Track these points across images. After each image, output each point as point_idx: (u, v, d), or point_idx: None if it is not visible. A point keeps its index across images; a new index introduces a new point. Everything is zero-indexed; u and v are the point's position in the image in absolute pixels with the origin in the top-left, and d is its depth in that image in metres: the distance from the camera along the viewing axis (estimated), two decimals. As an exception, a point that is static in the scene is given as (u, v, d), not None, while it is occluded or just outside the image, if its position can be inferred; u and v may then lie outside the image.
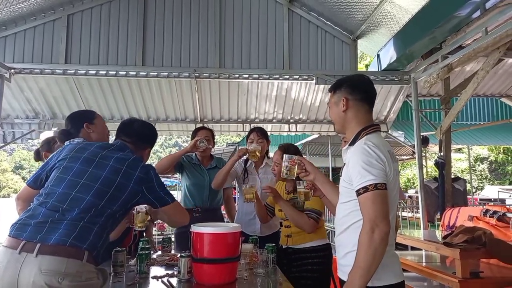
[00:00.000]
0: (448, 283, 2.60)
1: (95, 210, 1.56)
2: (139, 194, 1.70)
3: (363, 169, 1.46)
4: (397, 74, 5.16)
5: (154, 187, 1.75)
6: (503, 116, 8.58)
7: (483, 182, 20.51)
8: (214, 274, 1.89)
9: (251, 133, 3.03)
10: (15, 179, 34.50)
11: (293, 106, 6.12)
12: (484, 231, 2.67)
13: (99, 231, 1.56)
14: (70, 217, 1.51)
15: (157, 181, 1.77)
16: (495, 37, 3.63)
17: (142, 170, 1.72)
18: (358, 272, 1.40)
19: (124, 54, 4.96)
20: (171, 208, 1.82)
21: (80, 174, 1.63)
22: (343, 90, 1.68)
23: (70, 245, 1.44)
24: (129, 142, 1.88)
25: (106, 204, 1.59)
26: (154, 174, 1.76)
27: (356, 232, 1.47)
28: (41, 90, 5.41)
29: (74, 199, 1.56)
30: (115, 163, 1.69)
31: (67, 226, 1.49)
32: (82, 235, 1.49)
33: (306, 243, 2.46)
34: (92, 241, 1.51)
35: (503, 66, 5.90)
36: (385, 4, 4.33)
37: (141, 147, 1.95)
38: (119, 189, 1.64)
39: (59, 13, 4.91)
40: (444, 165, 4.86)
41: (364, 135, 1.59)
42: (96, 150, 1.75)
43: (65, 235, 1.46)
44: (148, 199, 1.75)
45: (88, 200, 1.57)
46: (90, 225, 1.54)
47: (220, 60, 5.04)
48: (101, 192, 1.60)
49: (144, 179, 1.71)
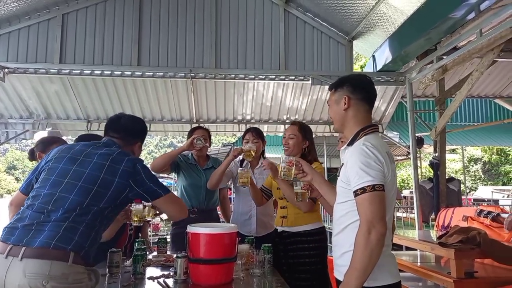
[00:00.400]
0: (443, 283, 2.61)
1: (80, 209, 1.53)
2: (127, 188, 1.64)
3: (361, 170, 1.46)
4: (392, 75, 5.19)
5: (143, 180, 1.68)
6: (496, 117, 8.65)
7: (477, 182, 20.67)
8: (211, 274, 1.89)
9: (247, 133, 3.03)
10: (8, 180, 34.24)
11: (289, 107, 6.13)
12: (478, 231, 2.68)
13: (85, 230, 1.52)
14: (54, 218, 1.49)
15: (146, 173, 1.70)
16: (489, 39, 3.66)
17: (127, 163, 1.66)
18: (354, 273, 1.40)
19: (119, 53, 4.94)
20: (165, 200, 1.75)
21: (64, 174, 1.60)
22: (345, 88, 1.68)
23: (54, 247, 1.42)
24: (117, 138, 1.84)
25: (91, 201, 1.56)
26: (141, 167, 1.69)
27: (353, 232, 1.47)
28: (35, 89, 5.37)
29: (58, 199, 1.54)
30: (98, 159, 1.64)
31: (52, 228, 1.46)
32: (67, 236, 1.46)
33: (302, 225, 2.46)
34: (77, 241, 1.48)
35: (497, 68, 5.96)
36: (380, 5, 4.35)
37: (131, 142, 1.89)
38: (104, 185, 1.60)
39: (53, 12, 4.88)
40: (439, 166, 4.89)
41: (362, 135, 1.59)
42: (81, 149, 1.71)
43: (49, 237, 1.44)
44: (137, 193, 1.68)
45: (72, 199, 1.54)
46: (76, 224, 1.50)
47: (216, 60, 5.04)
48: (85, 190, 1.56)
49: (130, 172, 1.65)
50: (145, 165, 1.73)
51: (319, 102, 6.01)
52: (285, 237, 2.51)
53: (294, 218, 2.48)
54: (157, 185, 1.72)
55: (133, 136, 1.92)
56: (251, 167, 3.06)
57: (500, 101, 7.15)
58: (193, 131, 3.15)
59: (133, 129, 1.93)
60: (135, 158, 1.72)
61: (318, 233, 2.49)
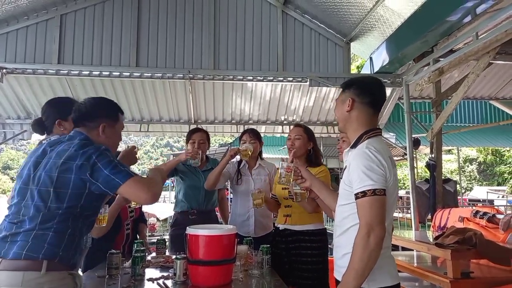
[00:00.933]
0: (440, 283, 2.64)
1: (44, 215, 1.46)
2: (87, 183, 1.50)
3: (363, 174, 1.48)
4: (389, 77, 5.22)
5: (99, 170, 1.50)
6: (492, 118, 8.72)
7: (472, 183, 20.81)
8: (210, 276, 1.90)
9: (244, 135, 3.06)
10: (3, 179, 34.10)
11: (286, 108, 6.15)
12: (474, 232, 2.72)
13: (56, 235, 1.46)
14: (24, 228, 1.45)
15: (103, 162, 1.51)
16: (485, 42, 3.70)
17: (82, 157, 1.50)
18: (352, 274, 1.43)
19: (118, 54, 4.93)
20: (125, 189, 1.51)
21: (27, 180, 1.53)
22: (351, 90, 1.68)
23: (25, 258, 1.40)
24: (81, 126, 1.68)
25: (52, 205, 1.47)
26: (97, 156, 1.52)
27: (354, 234, 1.49)
28: (33, 90, 5.37)
29: (24, 207, 1.49)
30: (55, 158, 1.53)
31: (23, 238, 1.43)
32: (37, 244, 1.42)
33: (305, 225, 2.48)
34: (48, 248, 1.43)
35: (493, 70, 6.01)
36: (378, 8, 4.38)
37: (93, 126, 1.69)
38: (61, 185, 1.48)
39: (52, 13, 4.87)
40: (435, 167, 4.93)
41: (365, 138, 1.61)
42: (43, 149, 1.60)
43: (20, 247, 1.42)
44: (98, 187, 1.51)
45: (34, 205, 1.47)
46: (44, 231, 1.45)
47: (214, 61, 5.05)
48: (44, 194, 1.48)
49: (85, 165, 1.49)
50: (102, 153, 1.54)
51: (317, 103, 6.04)
52: (287, 235, 2.52)
53: (299, 217, 2.50)
54: (114, 173, 1.50)
55: (91, 119, 1.70)
56: (249, 167, 3.08)
57: (495, 102, 7.21)
58: (192, 133, 3.17)
59: (90, 112, 1.71)
60: (92, 149, 1.54)
61: (320, 233, 2.52)
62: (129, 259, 2.24)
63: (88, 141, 1.61)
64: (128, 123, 6.15)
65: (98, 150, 1.55)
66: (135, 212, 2.79)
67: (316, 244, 2.47)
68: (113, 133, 1.76)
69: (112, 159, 1.54)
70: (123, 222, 2.64)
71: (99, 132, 1.69)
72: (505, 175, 19.39)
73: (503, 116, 8.52)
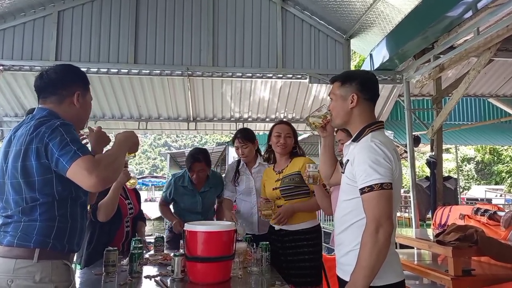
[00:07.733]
0: (441, 281, 2.62)
1: (24, 208, 1.40)
2: (49, 168, 1.38)
3: (370, 168, 1.43)
4: (390, 74, 5.19)
5: (52, 151, 1.35)
6: (491, 116, 8.70)
7: (470, 182, 20.82)
8: (208, 272, 1.88)
9: (235, 139, 3.00)
10: None
11: (286, 105, 6.13)
12: (475, 229, 2.70)
13: (44, 224, 1.39)
14: (11, 220, 1.42)
15: (55, 142, 1.35)
16: (486, 37, 3.67)
17: (36, 138, 1.37)
18: (362, 272, 1.38)
19: (116, 51, 4.90)
20: (71, 173, 1.34)
21: (2, 174, 1.46)
22: (354, 85, 1.61)
23: (18, 246, 1.37)
24: (48, 99, 1.54)
25: (28, 195, 1.39)
26: (49, 135, 1.36)
27: (358, 230, 1.45)
28: (30, 87, 5.32)
29: (6, 202, 1.44)
30: (16, 146, 1.42)
31: (13, 229, 1.41)
32: (27, 234, 1.38)
33: (300, 223, 2.48)
34: (38, 238, 1.38)
35: (493, 67, 5.98)
36: (378, 4, 4.35)
37: (65, 95, 1.54)
38: (25, 173, 1.38)
39: (49, 9, 4.83)
40: (436, 165, 4.90)
41: (368, 132, 1.57)
42: (10, 138, 1.48)
43: (12, 236, 1.39)
44: (56, 171, 1.37)
45: (13, 200, 1.41)
46: (31, 222, 1.39)
47: (213, 58, 5.02)
48: (16, 186, 1.40)
49: (40, 148, 1.36)
50: (55, 130, 1.37)
51: (317, 100, 6.01)
52: (283, 235, 2.52)
53: (293, 216, 2.48)
54: (62, 154, 1.34)
55: (63, 86, 1.55)
56: (248, 167, 3.05)
57: (494, 100, 7.19)
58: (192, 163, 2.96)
59: (62, 79, 1.56)
60: (44, 128, 1.39)
61: (315, 231, 2.53)
62: (127, 256, 2.21)
63: (47, 117, 1.45)
64: (127, 121, 6.12)
65: (51, 128, 1.38)
66: (134, 209, 2.76)
67: (313, 242, 2.49)
68: (84, 103, 1.61)
69: (64, 137, 1.36)
70: (123, 218, 2.61)
71: (73, 101, 1.55)
72: (502, 174, 19.41)
73: (501, 113, 8.50)
